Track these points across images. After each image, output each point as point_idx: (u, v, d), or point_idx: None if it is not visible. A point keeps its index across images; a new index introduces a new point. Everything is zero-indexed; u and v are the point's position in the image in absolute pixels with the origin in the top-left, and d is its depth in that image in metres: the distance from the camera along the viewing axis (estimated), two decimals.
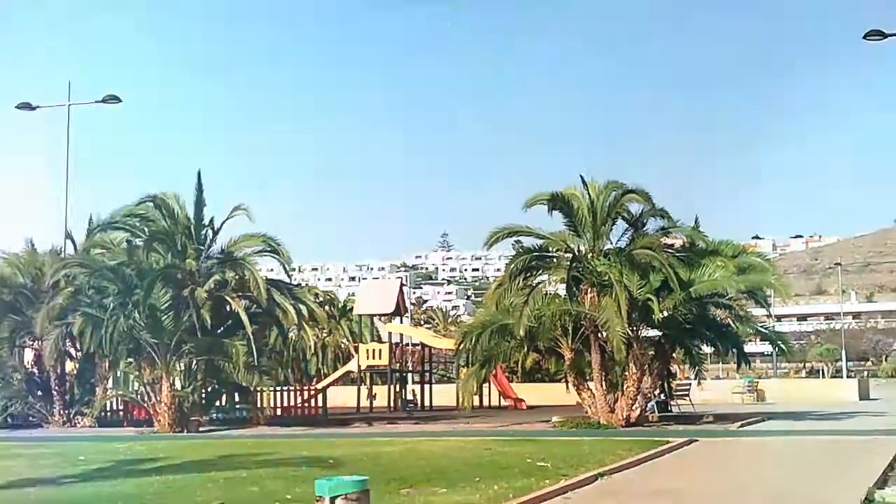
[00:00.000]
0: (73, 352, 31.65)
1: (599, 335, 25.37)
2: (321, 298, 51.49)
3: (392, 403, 38.45)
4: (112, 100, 34.39)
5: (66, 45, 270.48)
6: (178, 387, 27.71)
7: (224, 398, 30.52)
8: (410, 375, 42.47)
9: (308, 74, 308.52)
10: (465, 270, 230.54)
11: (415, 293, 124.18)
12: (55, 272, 29.44)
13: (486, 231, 26.83)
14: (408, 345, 41.89)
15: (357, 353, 39.91)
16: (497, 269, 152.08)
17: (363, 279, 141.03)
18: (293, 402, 34.98)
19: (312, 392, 36.70)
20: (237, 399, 30.65)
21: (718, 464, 17.83)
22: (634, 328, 25.23)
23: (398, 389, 39.91)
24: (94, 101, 35.16)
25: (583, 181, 26.38)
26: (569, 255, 26.26)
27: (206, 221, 28.43)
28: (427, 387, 40.57)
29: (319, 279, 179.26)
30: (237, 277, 28.27)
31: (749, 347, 31.25)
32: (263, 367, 29.11)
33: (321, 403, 34.90)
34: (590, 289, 25.38)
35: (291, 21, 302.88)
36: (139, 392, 29.27)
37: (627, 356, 24.99)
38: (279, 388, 35.15)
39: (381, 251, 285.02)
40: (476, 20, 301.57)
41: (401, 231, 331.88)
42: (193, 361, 27.74)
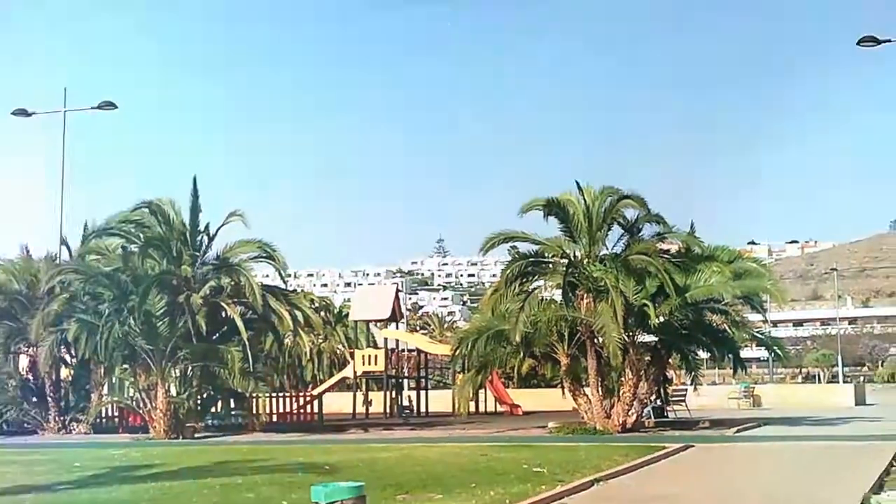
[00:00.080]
0: (69, 358, 31.67)
1: (595, 341, 25.40)
2: (317, 304, 51.47)
3: (388, 409, 38.42)
4: (108, 106, 34.07)
5: (66, 46, 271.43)
6: (174, 393, 27.69)
7: (220, 404, 30.42)
8: (406, 381, 42.47)
9: (308, 74, 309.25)
10: (461, 276, 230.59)
11: (411, 299, 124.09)
12: (50, 278, 29.40)
13: (483, 236, 26.97)
14: (404, 351, 41.84)
15: (353, 359, 39.94)
16: (493, 275, 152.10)
17: (359, 285, 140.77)
18: (289, 409, 34.98)
19: (308, 398, 36.65)
20: (233, 405, 30.64)
21: (714, 469, 17.85)
22: (630, 334, 25.27)
23: (394, 395, 39.92)
24: (90, 108, 34.76)
25: (578, 186, 26.42)
26: (565, 261, 26.28)
27: (202, 227, 28.44)
28: (423, 393, 40.58)
29: (315, 285, 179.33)
30: (233, 283, 28.23)
31: (745, 353, 31.22)
32: (259, 374, 29.15)
33: (317, 410, 34.80)
34: (586, 294, 25.41)
35: (291, 21, 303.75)
36: (134, 398, 29.22)
37: (623, 362, 24.98)
38: (275, 395, 35.19)
39: (378, 257, 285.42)
40: (476, 20, 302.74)
41: (398, 235, 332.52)
42: (189, 368, 27.75)
